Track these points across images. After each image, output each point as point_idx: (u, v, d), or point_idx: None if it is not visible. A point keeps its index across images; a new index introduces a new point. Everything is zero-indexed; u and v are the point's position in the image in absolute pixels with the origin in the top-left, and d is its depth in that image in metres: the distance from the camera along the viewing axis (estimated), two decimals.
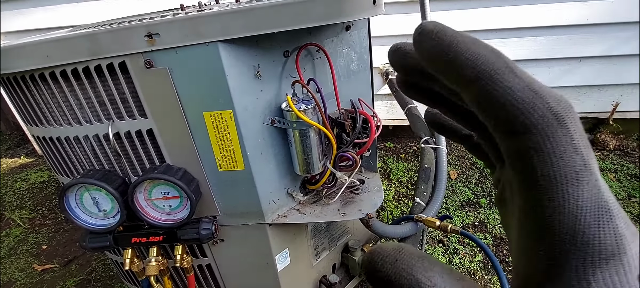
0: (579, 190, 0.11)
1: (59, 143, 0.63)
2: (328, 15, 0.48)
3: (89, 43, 0.51)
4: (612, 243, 0.11)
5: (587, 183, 0.11)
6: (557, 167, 0.11)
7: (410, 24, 1.42)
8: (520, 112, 0.12)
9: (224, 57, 0.51)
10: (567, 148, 0.11)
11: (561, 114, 0.12)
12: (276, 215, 0.68)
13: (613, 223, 0.11)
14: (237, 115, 0.55)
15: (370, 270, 0.13)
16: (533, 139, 0.12)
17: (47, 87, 0.57)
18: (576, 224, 0.11)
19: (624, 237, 0.11)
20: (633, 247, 0.11)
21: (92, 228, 0.64)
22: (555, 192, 0.11)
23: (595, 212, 0.11)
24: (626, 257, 0.11)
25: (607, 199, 0.12)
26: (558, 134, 0.12)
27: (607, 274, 0.11)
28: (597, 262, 0.11)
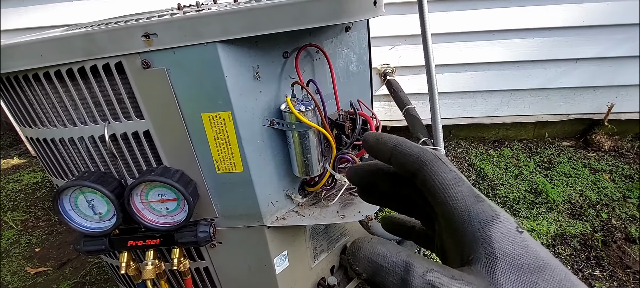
0: (459, 188, 0.19)
1: (54, 144, 0.62)
2: (329, 16, 0.47)
3: (85, 43, 0.50)
4: (489, 211, 0.18)
5: (463, 184, 0.19)
6: (443, 178, 0.19)
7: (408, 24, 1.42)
8: (417, 155, 0.20)
9: (223, 57, 0.50)
10: (444, 169, 0.19)
11: (438, 155, 0.20)
12: (275, 217, 0.68)
13: (486, 201, 0.19)
14: (235, 116, 0.55)
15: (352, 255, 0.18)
16: (427, 168, 0.20)
17: (41, 88, 0.56)
18: (466, 205, 0.18)
19: (494, 207, 0.18)
20: (502, 213, 0.18)
21: (87, 232, 0.63)
22: (448, 193, 0.19)
23: (473, 198, 0.18)
24: (501, 217, 0.18)
25: (478, 193, 0.19)
26: (438, 163, 0.20)
27: (496, 229, 0.17)
28: (486, 223, 0.17)
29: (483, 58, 1.50)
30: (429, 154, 0.20)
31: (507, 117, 1.71)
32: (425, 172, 0.19)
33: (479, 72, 1.55)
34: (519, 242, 0.17)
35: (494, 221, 0.17)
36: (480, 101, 1.66)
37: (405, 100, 1.24)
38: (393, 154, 0.21)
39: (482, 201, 0.18)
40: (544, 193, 1.45)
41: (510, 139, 1.84)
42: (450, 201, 0.18)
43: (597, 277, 1.13)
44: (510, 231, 0.17)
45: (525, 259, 0.16)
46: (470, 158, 1.70)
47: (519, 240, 0.17)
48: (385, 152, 0.21)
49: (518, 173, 1.58)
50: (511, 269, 0.16)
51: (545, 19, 1.39)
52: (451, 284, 0.16)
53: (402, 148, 0.21)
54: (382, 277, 0.17)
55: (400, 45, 1.50)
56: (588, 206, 1.39)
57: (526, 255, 0.17)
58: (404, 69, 1.55)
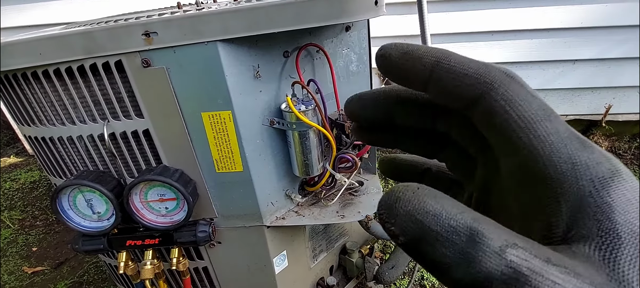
0: (552, 124, 0.12)
1: (52, 143, 0.62)
2: (330, 15, 0.47)
3: (84, 41, 0.49)
4: (605, 164, 0.12)
5: (556, 118, 0.12)
6: (525, 109, 0.12)
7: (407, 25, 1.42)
8: (479, 74, 0.13)
9: (223, 56, 0.50)
10: (526, 95, 0.13)
11: (510, 73, 0.13)
12: (274, 217, 0.68)
13: (595, 148, 0.12)
14: (236, 115, 0.54)
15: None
16: (498, 93, 0.13)
17: (39, 86, 0.56)
18: (568, 152, 0.12)
19: (611, 158, 0.12)
20: (622, 166, 0.12)
21: (86, 231, 0.63)
22: (535, 132, 0.12)
23: (576, 141, 0.12)
24: (623, 174, 0.11)
25: (581, 135, 0.12)
26: (514, 85, 0.13)
27: (619, 192, 0.11)
28: (603, 182, 0.11)
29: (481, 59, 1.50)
30: (496, 72, 0.13)
31: None
32: (496, 101, 0.13)
33: None
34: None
35: (615, 180, 0.11)
36: None
37: None
38: (434, 74, 0.14)
39: (590, 147, 0.12)
40: None
41: None
42: (541, 145, 0.12)
43: None
44: (638, 195, 0.11)
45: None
46: None
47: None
48: (422, 72, 0.14)
49: None
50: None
51: (544, 20, 1.40)
52: (548, 273, 0.10)
53: (451, 64, 0.13)
54: (432, 246, 0.11)
55: None
56: None
57: None
58: None
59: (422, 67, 0.14)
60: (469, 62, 0.13)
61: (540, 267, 0.10)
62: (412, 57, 0.14)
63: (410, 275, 1.07)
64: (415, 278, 1.11)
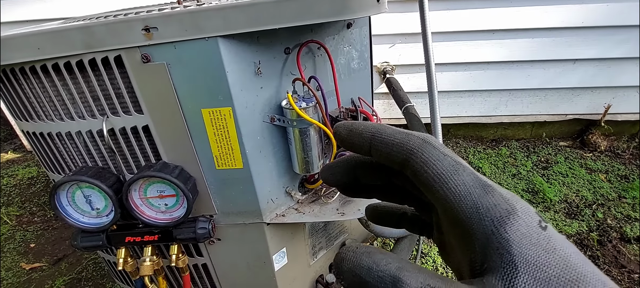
0: (460, 177, 0.15)
1: (51, 139, 0.61)
2: (332, 11, 0.47)
3: (84, 36, 0.49)
4: (502, 205, 0.14)
5: (464, 171, 0.15)
6: (438, 168, 0.15)
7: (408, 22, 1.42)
8: (403, 143, 0.17)
9: (224, 52, 0.50)
10: (438, 155, 0.16)
11: (426, 138, 0.17)
12: (274, 214, 0.67)
13: (496, 190, 0.15)
14: (236, 112, 0.54)
15: (338, 265, 0.16)
16: (417, 158, 0.16)
17: (38, 81, 0.55)
18: (472, 199, 0.15)
19: (508, 199, 0.15)
20: (519, 204, 0.15)
21: (85, 227, 0.62)
22: (447, 186, 0.15)
23: (479, 188, 0.15)
24: (519, 211, 0.14)
25: (485, 179, 0.15)
26: (428, 148, 0.16)
27: (514, 228, 0.14)
28: (501, 221, 0.14)
29: (483, 57, 1.50)
30: (415, 139, 0.16)
31: (506, 117, 1.72)
32: (415, 163, 0.16)
33: (479, 72, 1.55)
34: (544, 244, 0.13)
35: (511, 217, 0.14)
36: (479, 100, 1.66)
37: (404, 99, 1.24)
38: (373, 145, 0.18)
39: (491, 191, 0.15)
40: (541, 193, 1.45)
41: (508, 138, 1.85)
42: (452, 196, 0.15)
43: None
44: (532, 229, 0.14)
45: (554, 269, 0.13)
46: (469, 157, 1.71)
47: (543, 240, 0.13)
48: (363, 144, 0.18)
49: (515, 173, 1.59)
50: (537, 283, 0.12)
51: (545, 20, 1.40)
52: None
53: (383, 137, 0.17)
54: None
55: (400, 44, 1.49)
56: (584, 206, 1.40)
57: (554, 262, 0.13)
58: (403, 67, 1.55)
59: (362, 140, 0.18)
60: (396, 133, 0.17)
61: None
62: (355, 133, 0.18)
63: None
64: None
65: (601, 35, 1.43)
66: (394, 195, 0.22)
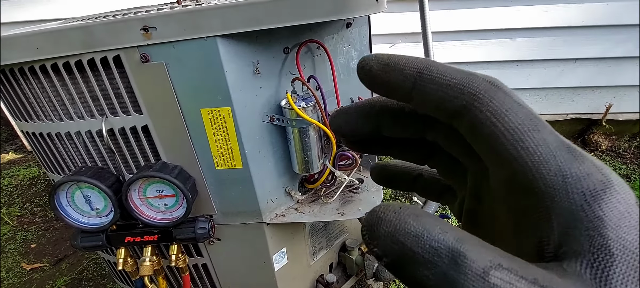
0: (542, 134, 0.12)
1: (50, 139, 0.61)
2: (331, 11, 0.47)
3: (82, 35, 0.49)
4: (596, 175, 0.11)
5: (545, 128, 0.12)
6: (511, 119, 0.12)
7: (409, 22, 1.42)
8: (463, 85, 0.12)
9: (223, 52, 0.50)
10: (512, 105, 0.12)
11: (495, 82, 0.13)
12: (274, 214, 0.67)
13: (587, 158, 0.12)
14: (235, 112, 0.54)
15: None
16: (482, 104, 0.12)
17: (37, 81, 0.55)
18: (558, 163, 0.11)
19: (602, 168, 0.11)
20: (614, 176, 0.11)
21: (84, 227, 0.62)
22: (523, 143, 0.12)
23: (565, 151, 0.11)
24: (615, 185, 0.11)
25: (571, 143, 0.12)
26: (499, 94, 0.12)
27: (611, 206, 0.11)
28: (595, 195, 0.11)
29: (483, 57, 1.50)
30: (481, 81, 0.12)
31: None
32: (480, 112, 0.12)
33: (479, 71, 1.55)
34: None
35: (607, 192, 0.11)
36: None
37: None
38: (418, 86, 0.13)
39: (581, 157, 0.11)
40: None
41: None
42: (529, 158, 0.11)
43: None
44: (632, 207, 0.11)
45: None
46: None
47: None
48: (404, 83, 0.13)
49: None
50: (637, 274, 0.10)
51: (546, 19, 1.39)
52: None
53: (434, 75, 0.13)
54: (413, 268, 0.10)
55: (401, 43, 1.49)
56: None
57: None
58: None
59: (403, 78, 0.13)
60: (452, 71, 0.13)
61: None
62: (393, 68, 0.14)
63: None
64: None
65: (602, 34, 1.42)
66: (418, 152, 0.18)
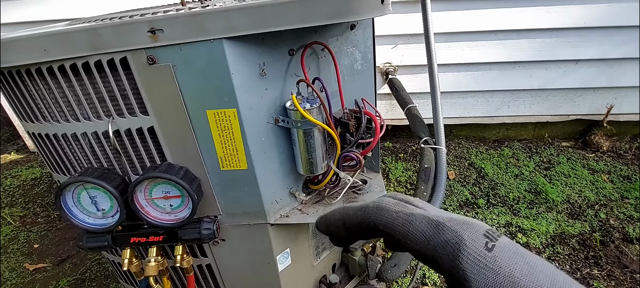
0: (413, 226, 0.20)
1: (56, 140, 0.61)
2: (336, 13, 0.47)
3: (89, 37, 0.49)
4: (452, 240, 0.18)
5: (415, 219, 0.20)
6: (396, 227, 0.21)
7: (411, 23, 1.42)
8: (365, 221, 0.23)
9: (229, 54, 0.50)
10: (392, 216, 0.21)
11: (379, 204, 0.23)
12: (278, 215, 0.68)
13: (446, 227, 0.18)
14: (241, 113, 0.54)
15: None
16: (380, 225, 0.22)
17: (44, 82, 0.55)
18: (429, 244, 0.19)
19: (457, 231, 0.18)
20: (467, 231, 0.18)
21: (90, 228, 0.62)
22: (408, 239, 0.20)
23: (431, 230, 0.19)
24: (466, 240, 0.17)
25: (436, 217, 0.19)
26: (384, 213, 0.22)
27: (465, 257, 0.17)
28: (454, 255, 0.17)
29: (485, 58, 1.50)
30: (371, 211, 0.21)
31: (508, 117, 1.72)
32: (381, 229, 0.21)
33: (481, 72, 1.55)
34: (491, 266, 0.16)
35: (460, 248, 0.17)
36: (482, 101, 1.66)
37: (407, 99, 1.24)
38: (346, 228, 0.23)
39: (441, 229, 0.18)
40: (544, 193, 1.45)
41: (511, 138, 1.85)
42: (414, 246, 0.19)
43: (595, 277, 1.14)
44: (479, 252, 0.17)
45: (497, 284, 0.16)
46: (471, 157, 1.71)
47: (490, 262, 0.16)
48: (340, 230, 0.24)
49: (518, 173, 1.59)
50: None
51: (547, 20, 1.40)
52: None
53: (349, 221, 0.23)
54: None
55: (403, 44, 1.49)
56: (587, 206, 1.40)
57: (500, 280, 0.16)
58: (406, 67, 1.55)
59: (338, 227, 0.24)
60: (356, 213, 0.23)
61: None
62: (330, 224, 0.25)
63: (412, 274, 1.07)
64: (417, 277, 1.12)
65: (603, 35, 1.43)
66: None
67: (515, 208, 1.40)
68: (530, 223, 1.33)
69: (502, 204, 1.43)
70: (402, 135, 1.90)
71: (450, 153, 1.76)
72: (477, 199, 1.46)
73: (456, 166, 1.66)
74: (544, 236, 1.28)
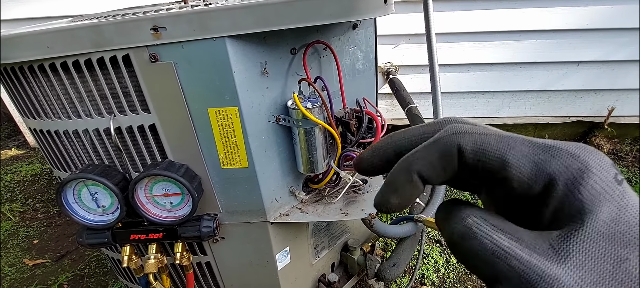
0: (516, 149, 0.14)
1: (57, 136, 0.62)
2: (339, 13, 0.47)
3: (93, 34, 0.49)
4: (574, 164, 0.14)
5: (515, 141, 0.15)
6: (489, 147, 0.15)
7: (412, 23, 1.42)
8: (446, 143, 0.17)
9: (231, 52, 0.50)
10: (482, 138, 0.15)
11: (451, 120, 0.17)
12: (278, 213, 0.68)
13: (563, 150, 0.14)
14: (242, 112, 0.54)
15: None
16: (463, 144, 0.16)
17: (46, 79, 0.55)
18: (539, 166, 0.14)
19: (579, 155, 0.14)
20: (593, 158, 0.14)
21: (90, 225, 0.63)
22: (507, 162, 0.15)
23: (540, 150, 0.14)
24: (593, 168, 0.13)
25: (543, 141, 0.15)
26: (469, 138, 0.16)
27: (589, 186, 0.13)
28: (575, 182, 0.13)
29: (486, 58, 1.50)
30: (449, 136, 0.15)
31: (508, 118, 1.72)
32: (469, 155, 0.15)
33: (482, 73, 1.55)
34: (618, 200, 0.13)
35: (585, 176, 0.13)
36: (482, 102, 1.66)
37: (407, 99, 1.24)
38: (406, 165, 0.17)
39: (556, 153, 0.14)
40: None
41: None
42: (519, 174, 0.14)
43: None
44: (608, 184, 0.13)
45: (622, 225, 0.13)
46: None
47: (618, 196, 0.13)
48: (392, 161, 0.18)
49: None
50: (600, 237, 0.13)
51: (549, 21, 1.39)
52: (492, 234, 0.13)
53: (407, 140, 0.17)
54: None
55: (404, 44, 1.49)
56: None
57: (625, 218, 0.13)
58: (407, 67, 1.55)
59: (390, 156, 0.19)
60: (416, 133, 0.18)
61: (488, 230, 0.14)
62: (376, 153, 0.19)
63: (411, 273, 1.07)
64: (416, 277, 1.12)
65: (605, 37, 1.43)
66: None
67: None
68: None
69: None
70: None
71: None
72: (477, 200, 1.46)
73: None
74: None
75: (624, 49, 1.45)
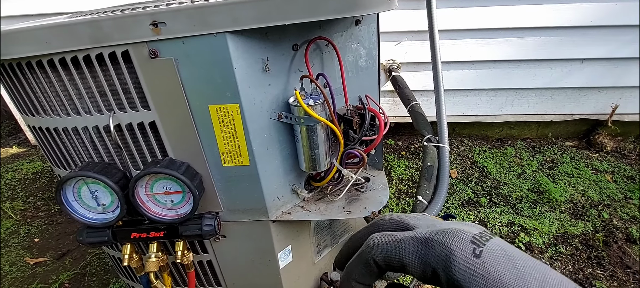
0: (405, 248, 0.21)
1: (57, 134, 0.61)
2: (343, 7, 0.46)
3: (91, 30, 0.48)
4: (442, 254, 0.19)
5: (404, 243, 0.21)
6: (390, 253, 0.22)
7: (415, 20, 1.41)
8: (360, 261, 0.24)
9: (232, 48, 0.49)
10: (382, 249, 0.22)
11: (369, 242, 0.24)
12: (280, 211, 0.67)
13: (435, 241, 0.19)
14: (243, 109, 0.54)
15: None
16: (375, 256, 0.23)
17: (45, 75, 0.55)
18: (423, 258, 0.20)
19: (445, 242, 0.19)
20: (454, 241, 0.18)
21: (90, 223, 0.62)
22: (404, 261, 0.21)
23: (422, 248, 0.20)
24: (455, 250, 0.18)
25: (422, 234, 0.20)
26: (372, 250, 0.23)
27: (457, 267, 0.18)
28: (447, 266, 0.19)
29: (489, 56, 1.49)
30: (367, 252, 0.22)
31: (511, 116, 1.71)
32: (381, 265, 0.21)
33: (485, 70, 1.54)
34: (480, 271, 0.17)
35: (451, 259, 0.18)
36: (485, 99, 1.65)
37: (410, 97, 1.23)
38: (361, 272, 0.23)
39: (431, 245, 0.19)
40: (547, 193, 1.45)
41: (514, 137, 1.83)
42: (413, 269, 0.19)
43: (597, 277, 1.14)
44: (469, 262, 0.17)
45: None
46: (474, 156, 1.70)
47: (479, 268, 0.17)
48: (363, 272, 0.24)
49: (521, 172, 1.58)
50: None
51: (553, 18, 1.38)
52: None
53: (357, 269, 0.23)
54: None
55: (407, 41, 1.48)
56: (590, 206, 1.39)
57: (487, 284, 0.17)
58: (409, 65, 1.54)
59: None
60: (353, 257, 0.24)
61: None
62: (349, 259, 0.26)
63: None
64: None
65: (609, 34, 1.41)
66: None
67: (518, 207, 1.40)
68: (532, 222, 1.32)
69: (505, 203, 1.42)
70: (405, 132, 1.89)
71: (453, 151, 1.75)
72: (480, 198, 1.45)
73: (459, 164, 1.66)
74: (546, 236, 1.28)
75: (628, 46, 1.44)
